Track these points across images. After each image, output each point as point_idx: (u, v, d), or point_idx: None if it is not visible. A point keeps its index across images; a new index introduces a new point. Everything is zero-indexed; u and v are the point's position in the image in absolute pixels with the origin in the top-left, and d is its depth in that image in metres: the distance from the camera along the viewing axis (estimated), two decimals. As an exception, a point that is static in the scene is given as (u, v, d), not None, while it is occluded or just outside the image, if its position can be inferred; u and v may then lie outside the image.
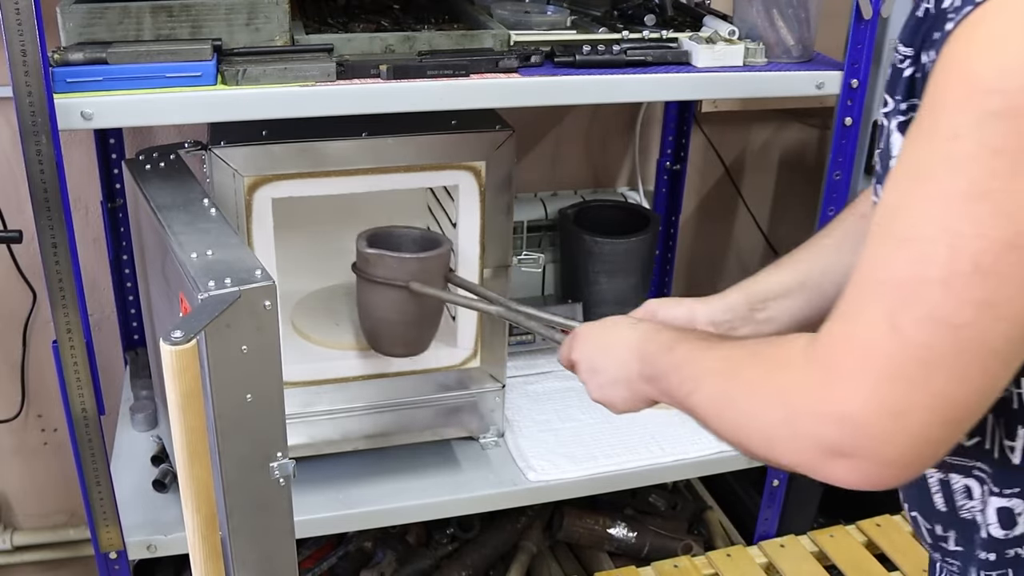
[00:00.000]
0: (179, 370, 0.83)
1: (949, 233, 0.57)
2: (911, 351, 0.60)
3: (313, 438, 1.47)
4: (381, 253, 1.32)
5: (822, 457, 0.65)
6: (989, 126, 0.55)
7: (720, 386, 0.78)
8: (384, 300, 1.35)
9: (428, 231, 1.45)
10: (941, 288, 0.58)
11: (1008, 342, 0.59)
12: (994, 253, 0.56)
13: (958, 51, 0.57)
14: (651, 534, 1.78)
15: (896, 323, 0.60)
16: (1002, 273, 0.56)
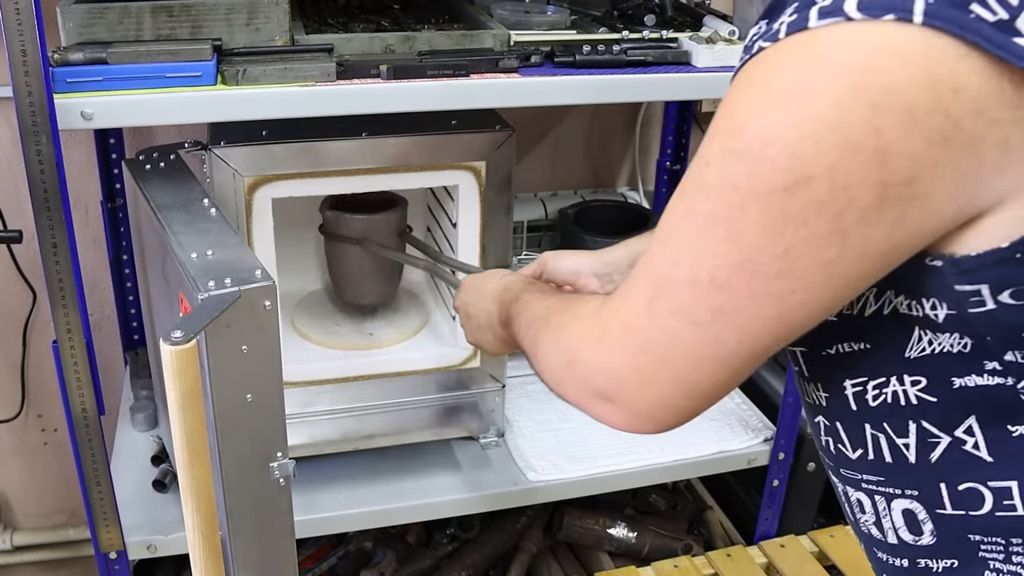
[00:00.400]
0: (179, 370, 0.83)
1: (692, 246, 0.65)
2: (659, 334, 0.69)
3: (313, 438, 1.47)
4: (336, 214, 1.48)
5: (592, 398, 0.76)
6: (730, 163, 0.62)
7: (538, 330, 0.90)
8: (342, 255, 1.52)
9: (390, 194, 1.54)
10: (687, 289, 0.66)
11: (740, 344, 0.67)
12: (727, 271, 0.63)
13: (730, 93, 0.63)
14: (651, 534, 1.78)
15: (652, 308, 0.69)
16: (735, 288, 0.64)
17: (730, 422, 1.70)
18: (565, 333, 0.82)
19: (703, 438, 1.65)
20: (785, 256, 0.61)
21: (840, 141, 0.57)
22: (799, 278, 0.62)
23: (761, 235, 0.61)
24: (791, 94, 0.59)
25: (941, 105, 0.56)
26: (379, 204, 1.51)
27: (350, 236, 1.49)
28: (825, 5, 0.58)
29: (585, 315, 0.80)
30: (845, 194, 0.58)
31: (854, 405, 0.74)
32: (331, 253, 1.55)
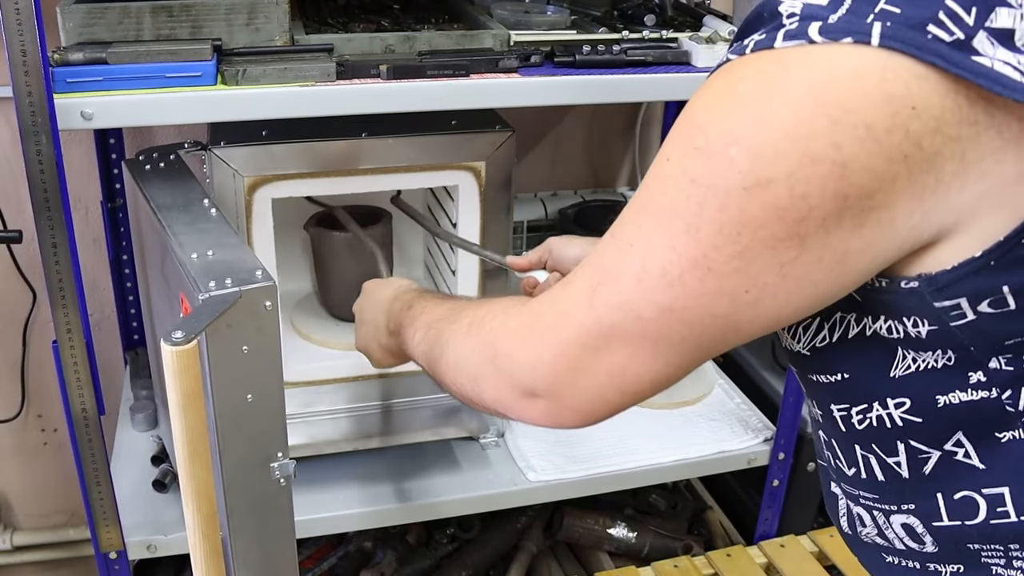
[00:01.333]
0: (180, 370, 0.83)
1: (645, 238, 0.66)
2: (598, 327, 0.69)
3: (313, 438, 1.47)
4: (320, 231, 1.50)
5: (516, 395, 0.76)
6: (691, 159, 0.62)
7: (443, 330, 0.89)
8: (327, 269, 1.55)
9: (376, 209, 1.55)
10: (634, 283, 0.66)
11: (684, 341, 0.67)
12: (680, 267, 0.64)
13: (695, 96, 0.65)
14: (651, 534, 1.78)
15: (593, 299, 0.69)
16: (686, 285, 0.64)
17: (730, 422, 1.70)
18: (484, 328, 0.82)
19: (703, 438, 1.65)
20: (741, 255, 0.62)
21: (799, 150, 0.58)
22: (753, 277, 0.63)
23: (718, 232, 0.62)
24: (753, 100, 0.60)
25: (900, 123, 0.57)
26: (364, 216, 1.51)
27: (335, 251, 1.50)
28: (791, 29, 0.60)
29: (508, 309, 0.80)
30: (804, 202, 0.59)
31: (842, 427, 0.75)
32: (318, 267, 1.56)
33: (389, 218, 1.53)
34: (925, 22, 0.57)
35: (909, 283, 0.64)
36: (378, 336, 1.10)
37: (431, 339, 0.92)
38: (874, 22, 0.57)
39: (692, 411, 1.72)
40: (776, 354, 1.89)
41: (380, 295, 1.12)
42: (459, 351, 0.85)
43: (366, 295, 1.17)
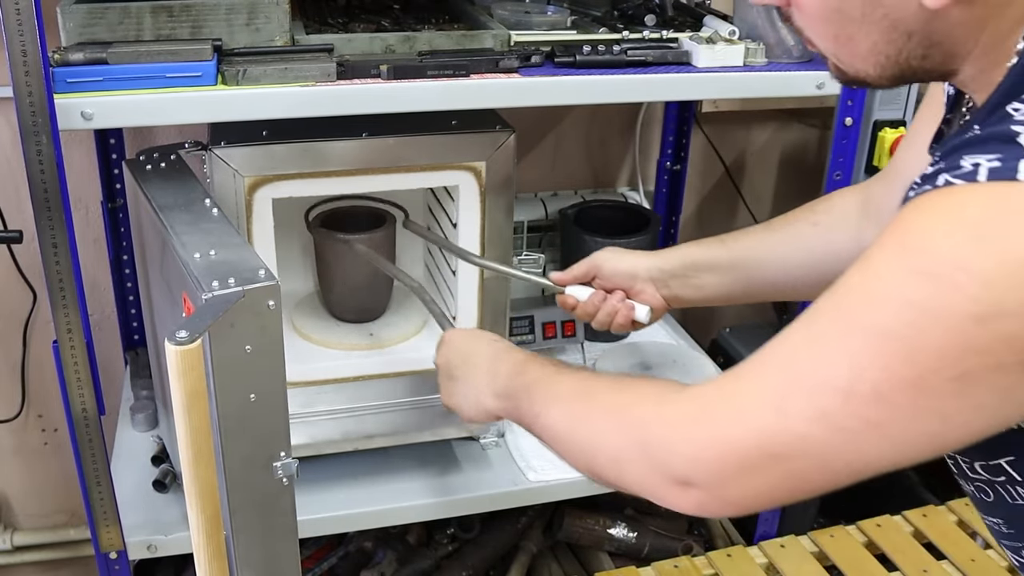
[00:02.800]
0: (184, 370, 0.83)
1: (855, 356, 0.63)
2: (786, 434, 0.66)
3: (313, 438, 1.47)
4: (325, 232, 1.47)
5: (667, 483, 0.74)
6: (912, 281, 0.61)
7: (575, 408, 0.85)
8: (331, 270, 1.54)
9: (380, 210, 1.54)
10: (840, 397, 0.64)
11: (882, 456, 0.65)
12: (893, 385, 0.62)
13: (907, 213, 0.63)
14: (651, 534, 1.78)
15: (785, 407, 0.66)
16: (897, 404, 0.62)
17: (730, 422, 1.69)
18: (634, 411, 0.78)
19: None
20: (961, 379, 0.60)
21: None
22: (970, 398, 0.61)
23: (939, 358, 0.60)
24: (989, 229, 0.58)
25: None
26: (367, 218, 1.51)
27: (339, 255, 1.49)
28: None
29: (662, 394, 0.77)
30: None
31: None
32: (321, 269, 1.56)
33: (393, 220, 1.53)
34: None
35: None
36: (481, 399, 1.04)
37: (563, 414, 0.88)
38: None
39: (692, 411, 1.72)
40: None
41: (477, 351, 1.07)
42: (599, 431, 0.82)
43: (452, 347, 1.12)
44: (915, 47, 0.71)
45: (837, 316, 0.65)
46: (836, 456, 0.66)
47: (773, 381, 0.68)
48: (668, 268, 1.16)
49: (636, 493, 0.79)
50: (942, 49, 0.71)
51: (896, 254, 0.62)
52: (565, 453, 0.87)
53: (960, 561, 1.62)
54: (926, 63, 0.72)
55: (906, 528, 1.72)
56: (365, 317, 1.58)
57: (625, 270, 1.17)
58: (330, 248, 1.50)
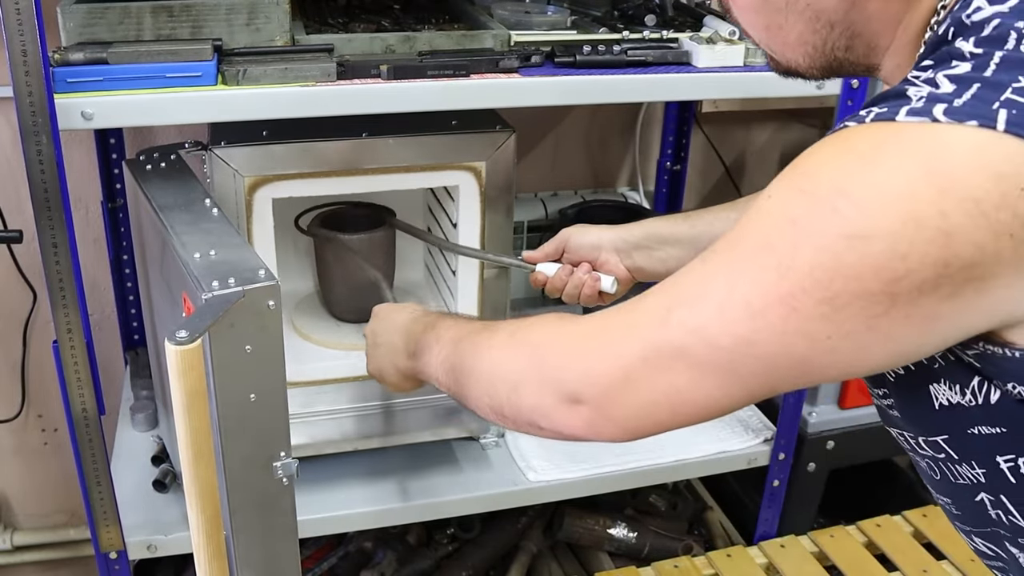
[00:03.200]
0: (184, 370, 0.83)
1: (733, 268, 0.66)
2: (668, 346, 0.69)
3: (313, 438, 1.47)
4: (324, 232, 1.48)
5: (558, 401, 0.76)
6: (794, 200, 0.64)
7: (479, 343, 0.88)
8: (330, 272, 1.54)
9: (379, 209, 1.54)
10: (716, 310, 0.67)
11: (754, 375, 0.67)
12: (765, 301, 0.64)
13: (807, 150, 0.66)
14: (651, 534, 1.78)
15: (669, 318, 0.69)
16: (768, 320, 0.64)
17: (730, 422, 1.70)
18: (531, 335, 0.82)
19: (703, 438, 1.65)
20: (830, 301, 0.62)
21: (906, 211, 0.59)
22: (838, 324, 0.63)
23: (809, 275, 0.62)
24: (866, 158, 0.61)
25: (1009, 202, 0.58)
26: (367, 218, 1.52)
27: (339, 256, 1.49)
28: (916, 107, 0.62)
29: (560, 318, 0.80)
30: (903, 263, 0.60)
31: (1012, 479, 0.73)
32: (320, 269, 1.56)
33: (392, 221, 1.53)
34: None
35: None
36: (396, 359, 1.08)
37: (461, 351, 0.92)
38: (1000, 109, 0.59)
39: (692, 411, 1.72)
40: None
41: (396, 318, 1.11)
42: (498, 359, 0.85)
43: (379, 319, 1.16)
44: (838, 38, 0.75)
45: (728, 237, 0.68)
46: (711, 373, 0.68)
47: (664, 295, 0.71)
48: (631, 239, 1.20)
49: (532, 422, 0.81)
50: (863, 41, 0.75)
51: (788, 177, 0.65)
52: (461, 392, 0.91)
53: (960, 561, 1.62)
54: (850, 55, 0.77)
55: (906, 528, 1.72)
56: (365, 317, 1.57)
57: (590, 242, 1.20)
58: (330, 248, 1.50)
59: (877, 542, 1.68)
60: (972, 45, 0.63)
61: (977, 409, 0.70)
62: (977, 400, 0.70)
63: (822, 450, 1.76)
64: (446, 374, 0.96)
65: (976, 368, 0.68)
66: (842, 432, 1.77)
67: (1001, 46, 0.62)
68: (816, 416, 1.76)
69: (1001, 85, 0.60)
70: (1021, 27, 0.62)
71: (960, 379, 0.70)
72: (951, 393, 0.71)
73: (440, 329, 1.00)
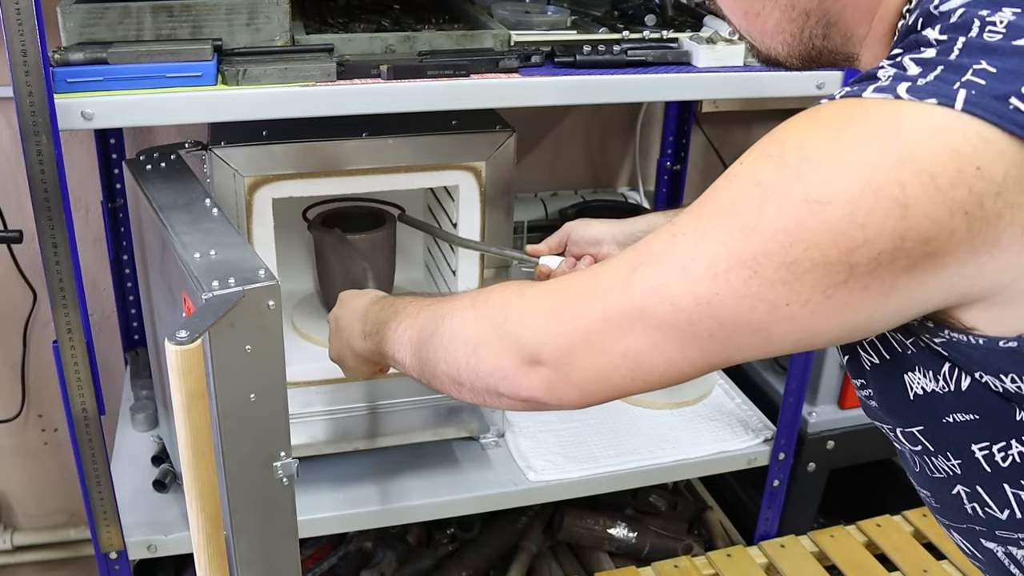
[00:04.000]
0: (184, 370, 0.83)
1: (699, 230, 0.67)
2: (629, 306, 0.69)
3: (313, 438, 1.47)
4: (323, 232, 1.48)
5: (518, 362, 0.76)
6: (762, 163, 0.65)
7: (439, 311, 0.88)
8: (330, 270, 1.52)
9: (379, 207, 1.55)
10: (678, 269, 0.67)
11: (711, 340, 0.68)
12: (727, 262, 0.65)
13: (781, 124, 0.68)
14: (651, 534, 1.78)
15: (631, 278, 0.69)
16: (729, 282, 0.65)
17: (730, 422, 1.70)
18: (492, 298, 0.82)
19: (703, 438, 1.65)
20: (790, 267, 0.63)
21: (865, 179, 0.60)
22: (797, 292, 0.64)
23: (771, 239, 0.63)
24: (832, 128, 0.63)
25: (964, 179, 0.59)
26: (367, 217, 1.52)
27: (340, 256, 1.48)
28: (881, 84, 0.63)
29: (522, 284, 0.81)
30: (861, 232, 0.61)
31: (987, 467, 0.74)
32: (320, 268, 1.56)
33: (393, 220, 1.53)
34: (1008, 94, 0.59)
35: (1008, 343, 0.65)
36: (352, 342, 1.08)
37: (421, 323, 0.91)
38: (959, 89, 0.60)
39: (692, 411, 1.72)
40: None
41: (356, 303, 1.11)
42: (457, 323, 0.85)
43: (342, 304, 1.16)
44: (815, 26, 0.77)
45: (699, 200, 0.69)
46: (671, 335, 0.68)
47: (631, 258, 0.71)
48: (634, 232, 1.21)
49: (490, 387, 0.80)
50: (840, 30, 0.78)
51: (760, 145, 0.67)
52: (426, 362, 0.89)
53: (960, 561, 1.61)
54: (828, 43, 0.79)
55: (906, 528, 1.72)
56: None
57: (592, 236, 1.22)
58: (330, 247, 1.50)
59: (877, 542, 1.68)
60: (938, 32, 0.65)
61: (950, 396, 0.71)
62: (949, 386, 0.71)
63: (822, 450, 1.76)
64: (404, 347, 0.95)
65: (944, 356, 0.69)
66: (842, 432, 1.77)
67: (965, 32, 0.63)
68: (816, 416, 1.76)
69: (962, 67, 0.61)
70: (984, 15, 0.63)
71: (932, 365, 0.71)
72: (925, 381, 0.72)
73: (399, 306, 1.00)
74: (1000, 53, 0.61)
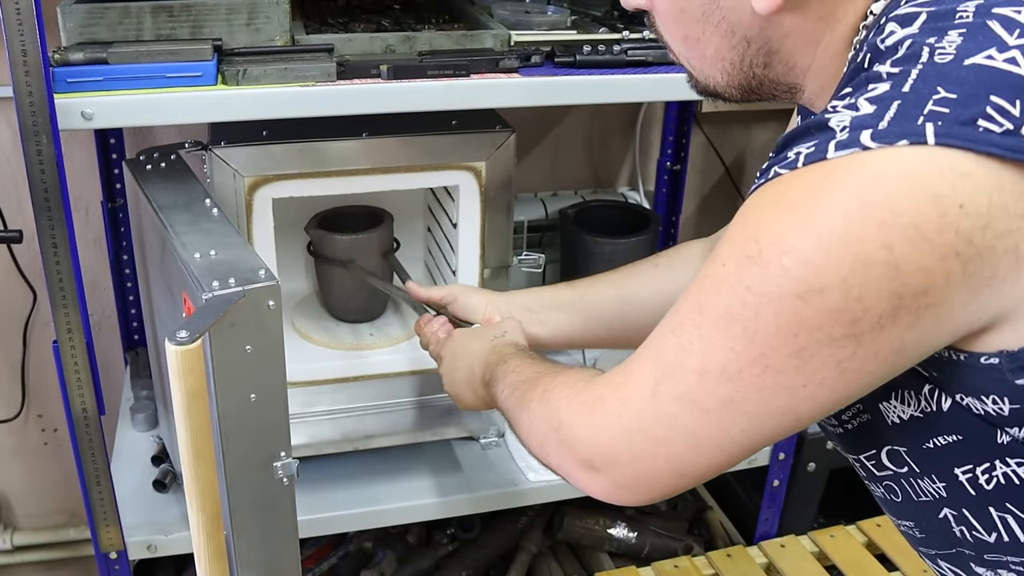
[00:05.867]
0: (185, 370, 0.83)
1: (704, 338, 0.68)
2: (660, 417, 0.72)
3: (313, 438, 1.47)
4: (321, 234, 1.49)
5: (577, 466, 0.79)
6: (745, 267, 0.65)
7: (525, 392, 0.92)
8: (330, 276, 1.54)
9: (377, 209, 1.55)
10: (696, 378, 0.69)
11: (744, 432, 0.69)
12: (739, 364, 0.66)
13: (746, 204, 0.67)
14: (651, 534, 1.78)
15: (657, 391, 0.71)
16: (745, 380, 0.67)
17: (730, 422, 1.69)
18: (553, 397, 0.85)
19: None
20: (799, 355, 0.64)
21: (851, 255, 0.60)
22: (811, 374, 0.65)
23: (774, 335, 0.64)
24: (803, 210, 0.62)
25: (950, 222, 0.59)
26: (365, 219, 1.52)
27: (335, 257, 1.49)
28: (842, 139, 0.62)
29: (575, 383, 0.83)
30: (860, 304, 0.61)
31: (972, 491, 0.74)
32: (319, 271, 1.57)
33: (390, 219, 1.53)
34: (975, 118, 0.59)
35: (989, 359, 0.65)
36: (473, 385, 1.11)
37: (515, 399, 0.95)
38: (925, 123, 0.59)
39: (692, 411, 1.72)
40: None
41: (475, 346, 1.13)
42: (531, 417, 0.88)
43: (457, 343, 1.18)
44: (755, 54, 0.75)
45: (693, 304, 0.70)
46: (705, 436, 0.70)
47: (648, 368, 0.73)
48: (517, 304, 1.22)
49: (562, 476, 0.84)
50: (781, 59, 0.76)
51: (736, 243, 0.66)
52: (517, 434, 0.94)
53: (960, 561, 1.61)
54: (769, 72, 0.77)
55: (906, 528, 1.72)
56: (365, 317, 1.58)
57: (475, 304, 1.23)
58: (329, 249, 1.50)
59: (877, 542, 1.69)
60: (889, 66, 0.63)
61: (932, 417, 0.71)
62: (931, 407, 0.71)
63: (822, 450, 1.76)
64: (506, 412, 0.99)
65: (925, 376, 0.70)
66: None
67: (915, 63, 0.62)
68: (816, 416, 1.76)
69: (921, 99, 0.60)
70: (932, 42, 0.62)
71: (913, 387, 0.71)
72: (903, 407, 0.73)
73: (509, 366, 1.02)
74: (955, 77, 0.60)
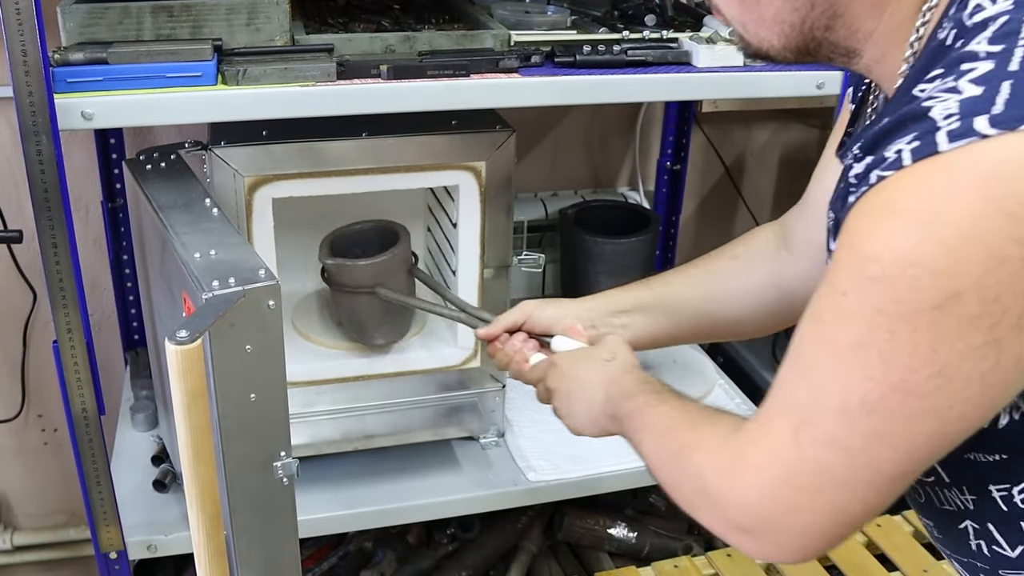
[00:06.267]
0: (184, 370, 0.83)
1: (838, 374, 0.65)
2: (808, 464, 0.68)
3: (313, 438, 1.47)
4: (340, 263, 1.40)
5: (731, 529, 0.75)
6: (869, 289, 0.61)
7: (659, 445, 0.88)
8: (354, 303, 1.44)
9: (387, 223, 1.48)
10: (837, 417, 0.65)
11: (895, 465, 0.66)
12: (879, 393, 0.63)
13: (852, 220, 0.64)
14: (651, 534, 1.78)
15: (798, 439, 0.68)
16: (889, 410, 0.63)
17: (730, 422, 1.69)
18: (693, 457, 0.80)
19: (703, 438, 1.64)
20: (941, 373, 0.61)
21: (983, 254, 0.57)
22: (956, 391, 0.61)
23: (913, 355, 0.61)
24: (924, 215, 0.59)
25: None
26: (377, 237, 1.46)
27: (358, 285, 1.40)
28: (954, 128, 0.58)
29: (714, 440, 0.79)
30: (997, 305, 0.58)
31: (1004, 507, 0.73)
32: (339, 300, 1.48)
33: (407, 234, 1.46)
34: None
35: None
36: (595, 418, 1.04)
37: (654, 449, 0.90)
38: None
39: (692, 411, 1.72)
40: (776, 354, 1.89)
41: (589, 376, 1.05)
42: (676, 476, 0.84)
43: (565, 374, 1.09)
44: (818, 16, 0.72)
45: (818, 341, 0.67)
46: (857, 477, 0.67)
47: (784, 419, 0.70)
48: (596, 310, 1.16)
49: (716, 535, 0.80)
50: (845, 22, 0.73)
51: (852, 266, 0.63)
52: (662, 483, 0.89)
53: (960, 561, 1.61)
54: (830, 35, 0.74)
55: (906, 528, 1.72)
56: (395, 338, 1.52)
57: (549, 316, 1.16)
58: (349, 280, 1.42)
59: (877, 542, 1.68)
60: (987, 44, 0.60)
61: (987, 433, 0.69)
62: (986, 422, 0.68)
63: (822, 450, 1.75)
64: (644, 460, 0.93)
65: None
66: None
67: (1016, 39, 0.59)
68: (816, 416, 1.75)
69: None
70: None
71: None
72: None
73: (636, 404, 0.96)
74: None
